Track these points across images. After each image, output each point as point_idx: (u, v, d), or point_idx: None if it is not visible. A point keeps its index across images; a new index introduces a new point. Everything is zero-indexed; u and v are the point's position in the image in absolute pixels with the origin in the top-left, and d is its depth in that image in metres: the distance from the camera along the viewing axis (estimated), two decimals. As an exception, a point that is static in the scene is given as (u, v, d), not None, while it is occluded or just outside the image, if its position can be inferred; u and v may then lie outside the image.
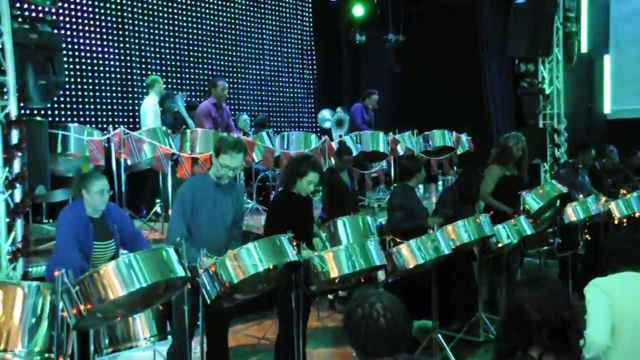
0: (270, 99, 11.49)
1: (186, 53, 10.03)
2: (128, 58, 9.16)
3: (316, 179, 4.16)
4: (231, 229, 4.07)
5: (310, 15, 12.26)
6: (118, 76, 9.01)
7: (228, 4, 10.72)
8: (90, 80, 8.66)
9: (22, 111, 5.14)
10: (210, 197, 3.93)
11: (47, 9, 7.90)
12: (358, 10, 12.05)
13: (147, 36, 9.41)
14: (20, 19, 5.12)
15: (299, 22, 12.07)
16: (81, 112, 8.50)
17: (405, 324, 1.98)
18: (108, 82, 8.87)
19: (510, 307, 2.08)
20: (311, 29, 12.26)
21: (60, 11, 8.26)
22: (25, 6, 7.37)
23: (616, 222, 6.17)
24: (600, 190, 6.65)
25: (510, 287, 2.22)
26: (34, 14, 6.67)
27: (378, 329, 1.94)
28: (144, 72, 9.15)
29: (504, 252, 5.37)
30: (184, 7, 9.99)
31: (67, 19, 8.39)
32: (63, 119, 8.14)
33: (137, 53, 9.28)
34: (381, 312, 1.95)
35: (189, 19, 10.10)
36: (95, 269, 3.13)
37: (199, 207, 3.90)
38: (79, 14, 8.55)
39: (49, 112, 7.88)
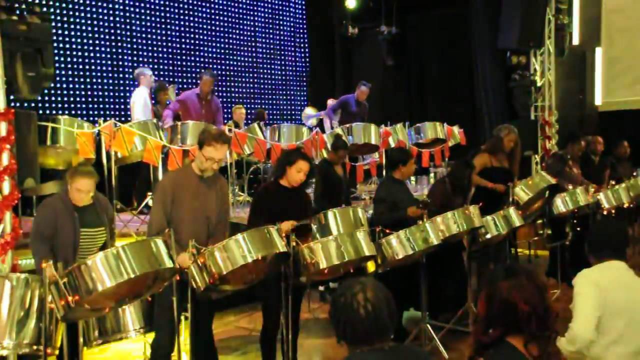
0: (262, 90, 11.46)
1: (178, 45, 9.98)
2: (119, 50, 9.11)
3: (306, 167, 4.12)
4: (217, 225, 3.94)
5: (303, 6, 12.22)
6: (109, 68, 8.97)
7: (220, -5, 10.69)
8: (80, 72, 8.61)
9: (11, 103, 5.10)
10: (192, 190, 3.85)
11: (36, 1, 7.84)
12: (351, 2, 12.01)
13: (138, 27, 9.36)
14: (9, 10, 5.07)
15: (291, 13, 12.04)
16: (72, 105, 8.46)
17: (389, 314, 1.97)
18: (99, 74, 8.83)
19: (494, 301, 2.01)
20: (304, 21, 12.23)
21: (50, 3, 8.20)
22: (15, -3, 7.34)
23: (605, 212, 6.23)
24: (589, 180, 6.67)
25: (486, 281, 2.14)
26: (23, 6, 6.61)
27: (357, 319, 1.94)
28: (134, 63, 9.10)
29: (493, 243, 5.40)
30: (175, -2, 9.97)
31: (57, 10, 8.33)
32: (53, 111, 8.10)
33: (129, 45, 9.24)
34: (362, 302, 1.95)
35: (181, 10, 10.05)
36: (83, 260, 3.13)
37: (180, 200, 3.81)
38: (70, 5, 8.49)
39: (39, 105, 7.84)
